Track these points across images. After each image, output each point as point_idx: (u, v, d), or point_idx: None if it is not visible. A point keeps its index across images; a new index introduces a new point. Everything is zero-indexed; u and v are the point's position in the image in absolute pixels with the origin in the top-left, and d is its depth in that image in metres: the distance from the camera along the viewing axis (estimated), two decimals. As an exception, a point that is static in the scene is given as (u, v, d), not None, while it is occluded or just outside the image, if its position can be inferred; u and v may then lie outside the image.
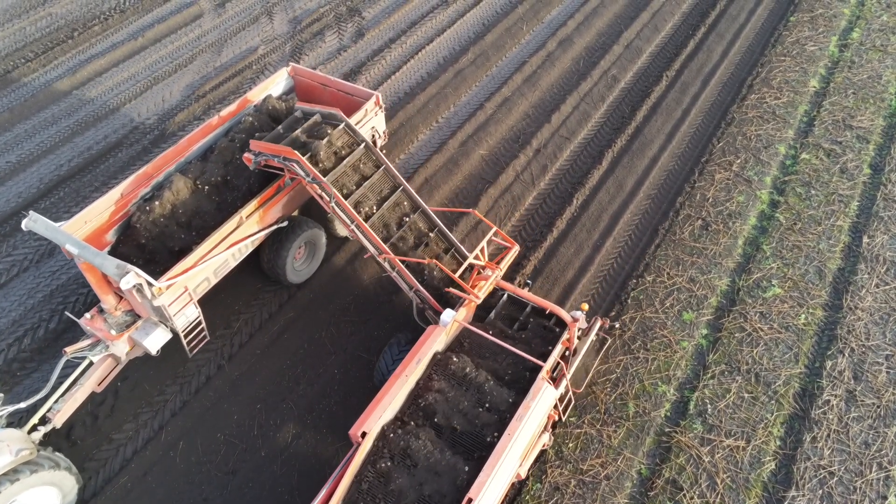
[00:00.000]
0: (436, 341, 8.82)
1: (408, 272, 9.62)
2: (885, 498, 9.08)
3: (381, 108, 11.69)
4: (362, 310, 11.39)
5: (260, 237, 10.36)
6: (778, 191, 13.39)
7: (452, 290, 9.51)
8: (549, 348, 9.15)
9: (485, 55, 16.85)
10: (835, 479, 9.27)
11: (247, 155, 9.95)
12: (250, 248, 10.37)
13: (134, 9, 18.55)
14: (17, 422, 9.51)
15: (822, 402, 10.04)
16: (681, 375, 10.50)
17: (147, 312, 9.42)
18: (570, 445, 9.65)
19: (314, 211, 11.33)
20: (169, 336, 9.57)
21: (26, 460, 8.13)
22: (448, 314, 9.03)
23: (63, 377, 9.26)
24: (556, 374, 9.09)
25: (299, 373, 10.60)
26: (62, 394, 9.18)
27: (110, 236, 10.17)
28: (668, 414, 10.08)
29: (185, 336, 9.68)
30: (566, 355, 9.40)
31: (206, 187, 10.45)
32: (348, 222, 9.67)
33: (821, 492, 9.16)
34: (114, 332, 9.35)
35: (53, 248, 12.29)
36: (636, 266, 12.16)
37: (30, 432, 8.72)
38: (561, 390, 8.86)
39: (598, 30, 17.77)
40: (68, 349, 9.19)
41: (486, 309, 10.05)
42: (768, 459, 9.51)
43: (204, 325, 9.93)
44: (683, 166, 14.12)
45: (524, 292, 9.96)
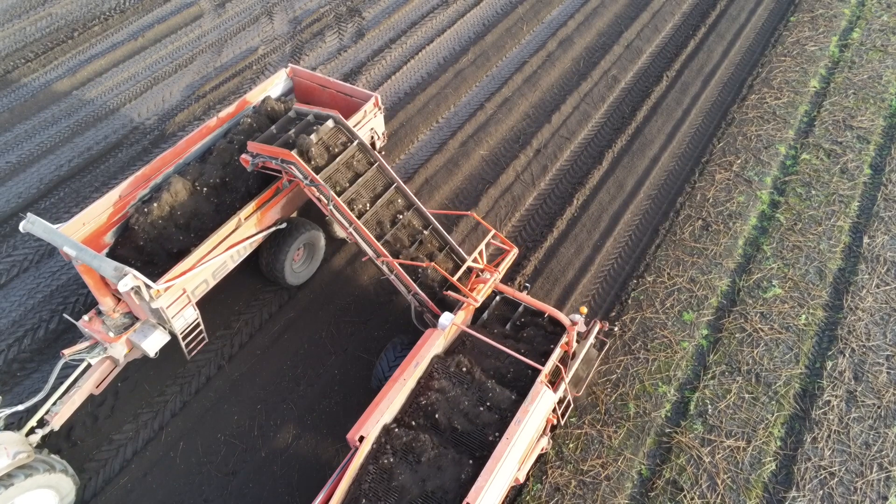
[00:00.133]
0: (434, 345, 8.77)
1: (406, 275, 9.57)
2: (885, 499, 9.08)
3: (380, 109, 11.64)
4: (363, 310, 11.39)
5: (258, 239, 10.34)
6: (778, 191, 13.39)
7: (451, 293, 9.47)
8: (550, 347, 9.14)
9: (485, 55, 16.84)
10: (835, 479, 9.27)
11: (244, 156, 9.89)
12: (249, 250, 10.34)
13: (134, 9, 18.55)
14: (15, 423, 9.52)
15: (823, 403, 10.03)
16: (681, 376, 10.50)
17: (145, 315, 9.40)
18: (571, 446, 9.65)
19: (313, 212, 11.32)
20: (167, 338, 9.56)
21: (23, 463, 8.11)
22: (446, 317, 8.97)
23: (63, 378, 9.25)
24: (555, 377, 9.07)
25: (299, 373, 10.60)
26: (60, 396, 9.16)
27: (108, 238, 10.15)
28: (669, 414, 10.08)
29: (184, 338, 9.67)
30: (565, 359, 9.36)
31: (205, 189, 10.43)
32: (346, 225, 9.62)
33: (821, 492, 9.15)
34: (112, 334, 9.33)
35: (53, 248, 12.29)
36: (636, 266, 12.16)
37: (28, 435, 8.70)
38: (560, 394, 8.83)
39: (599, 30, 17.77)
40: (66, 351, 9.16)
41: (485, 311, 10.03)
42: (769, 460, 9.50)
43: (202, 327, 9.92)
44: (684, 166, 14.12)
45: (523, 295, 9.90)
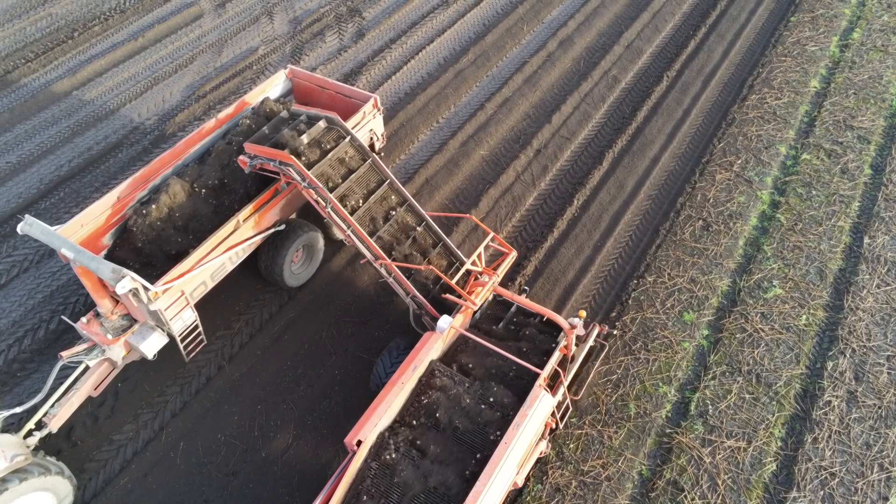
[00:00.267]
0: (432, 348, 8.72)
1: (404, 278, 9.54)
2: (886, 499, 9.07)
3: (379, 110, 11.60)
4: (363, 311, 11.38)
5: (257, 241, 10.30)
6: (779, 191, 13.38)
7: (449, 296, 9.42)
8: (551, 346, 9.12)
9: (485, 55, 16.84)
10: (836, 480, 9.26)
11: (242, 158, 9.86)
12: (248, 252, 10.30)
13: (134, 9, 18.54)
14: (15, 423, 9.48)
15: (824, 403, 10.03)
16: (682, 376, 10.49)
17: (143, 316, 9.38)
18: (571, 446, 9.64)
19: (312, 214, 11.29)
20: (166, 340, 9.53)
21: (21, 466, 8.08)
22: (445, 321, 8.94)
23: (62, 378, 9.23)
24: (554, 381, 9.03)
25: (300, 374, 10.59)
26: (58, 398, 9.13)
27: (107, 240, 10.12)
28: (669, 415, 10.07)
29: (182, 340, 9.64)
30: (564, 362, 9.31)
31: (203, 190, 10.40)
32: (344, 227, 9.58)
33: (822, 493, 9.15)
34: (110, 336, 9.29)
35: (53, 249, 12.27)
36: (637, 267, 12.15)
37: (26, 437, 8.67)
38: (558, 398, 8.79)
39: (599, 30, 17.76)
40: (64, 353, 9.13)
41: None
42: (769, 460, 9.50)
43: (201, 328, 9.89)
44: (684, 167, 14.11)
45: (522, 299, 9.87)
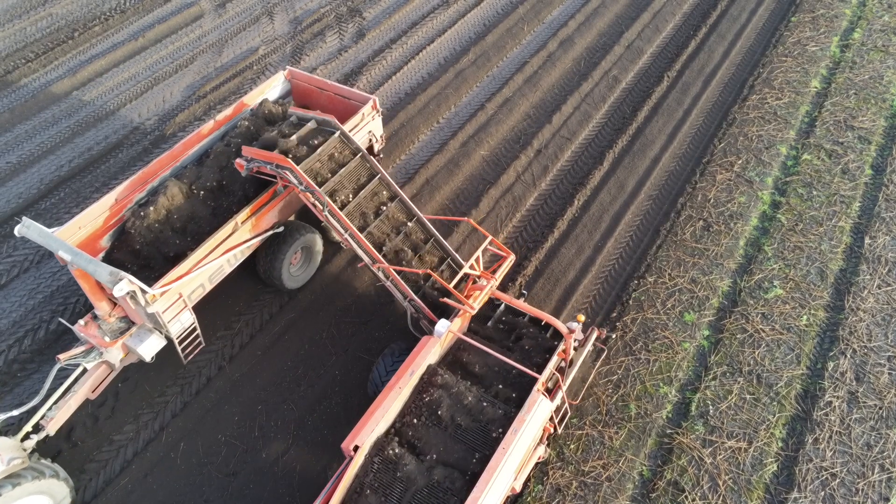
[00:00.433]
0: (430, 352, 8.68)
1: (402, 282, 9.50)
2: (887, 500, 9.07)
3: (378, 112, 11.57)
4: (363, 311, 11.38)
5: (255, 243, 10.26)
6: (779, 191, 13.37)
7: (447, 300, 9.38)
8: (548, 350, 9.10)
9: (485, 56, 16.83)
10: (837, 480, 9.25)
11: (239, 161, 9.84)
12: (246, 254, 10.26)
13: (134, 9, 18.53)
14: (15, 424, 9.48)
15: (824, 404, 10.02)
16: (682, 377, 10.49)
17: (141, 319, 9.35)
18: (572, 447, 9.63)
19: (310, 215, 11.27)
20: (163, 343, 9.51)
21: (18, 469, 8.05)
22: (442, 324, 8.90)
23: (60, 380, 9.18)
24: (553, 385, 8.98)
25: (300, 374, 10.59)
26: (56, 401, 9.10)
27: (105, 242, 10.10)
28: (670, 415, 10.07)
29: (180, 343, 9.61)
30: (562, 367, 9.25)
31: (202, 192, 10.39)
32: (342, 231, 9.55)
33: (823, 493, 9.14)
34: (108, 338, 9.27)
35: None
36: (637, 267, 12.14)
37: (23, 440, 8.64)
38: (557, 402, 8.74)
39: (599, 30, 17.76)
40: (62, 356, 9.10)
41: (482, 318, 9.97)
42: (770, 461, 9.49)
43: (199, 331, 9.86)
44: (685, 167, 14.10)
45: (520, 303, 9.79)
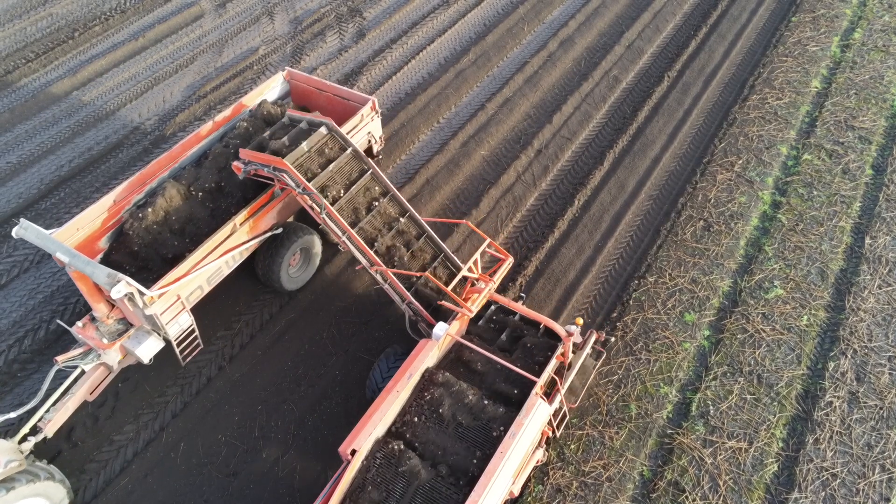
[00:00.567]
0: (428, 355, 8.64)
1: (400, 285, 9.46)
2: (887, 500, 9.06)
3: (377, 112, 11.54)
4: (364, 311, 11.37)
5: (254, 245, 10.22)
6: (780, 191, 13.36)
7: (445, 303, 9.33)
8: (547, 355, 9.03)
9: (486, 55, 16.82)
10: (837, 480, 9.25)
11: (236, 164, 9.81)
12: (244, 256, 10.23)
13: (135, 9, 18.53)
14: (15, 426, 9.46)
15: (825, 404, 10.01)
16: (683, 377, 10.48)
17: (139, 321, 9.31)
18: (572, 447, 9.63)
19: (309, 217, 11.25)
20: (162, 345, 9.48)
21: (15, 472, 8.03)
22: (440, 327, 8.86)
23: (60, 380, 9.17)
24: (551, 389, 8.94)
25: (300, 374, 10.58)
26: (53, 403, 9.07)
27: (103, 243, 10.08)
28: (671, 415, 10.06)
29: (178, 345, 9.58)
30: (561, 370, 9.20)
31: (200, 193, 10.36)
32: (339, 233, 9.50)
33: (823, 494, 9.13)
34: (106, 340, 9.23)
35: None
36: (638, 267, 12.14)
37: (20, 442, 8.62)
38: (555, 405, 8.70)
39: (600, 30, 17.75)
40: (59, 358, 9.07)
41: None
42: (771, 461, 9.48)
43: (197, 333, 9.82)
44: (685, 167, 14.10)
45: (518, 305, 9.74)
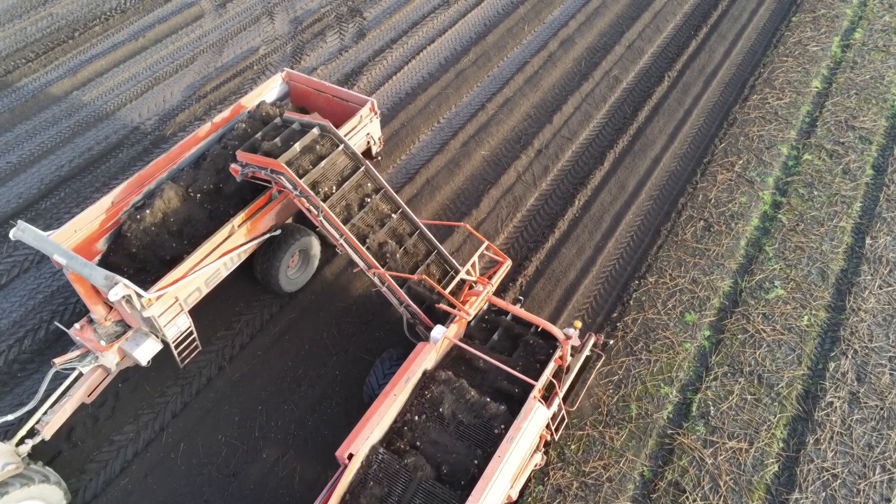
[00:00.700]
0: (426, 359, 8.60)
1: (398, 287, 9.43)
2: (888, 500, 9.05)
3: (376, 114, 11.51)
4: (364, 311, 11.36)
5: (252, 246, 10.19)
6: (780, 192, 13.35)
7: (443, 306, 9.29)
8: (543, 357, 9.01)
9: (486, 55, 16.82)
10: (838, 481, 9.24)
11: (233, 166, 9.78)
12: (243, 258, 10.19)
13: (135, 9, 18.53)
14: (15, 427, 9.44)
15: (826, 404, 10.00)
16: (683, 377, 10.47)
17: (137, 323, 9.28)
18: (573, 447, 9.62)
19: (308, 218, 11.23)
20: (160, 347, 9.45)
21: (12, 475, 8.01)
22: (438, 331, 8.82)
23: (54, 386, 9.13)
24: (549, 392, 8.90)
25: (301, 374, 10.58)
26: (51, 405, 9.05)
27: (101, 245, 10.05)
28: (671, 416, 10.05)
29: (176, 347, 9.55)
30: (559, 373, 9.15)
31: (198, 195, 10.34)
32: (336, 236, 9.46)
33: (824, 494, 9.12)
34: (103, 342, 9.19)
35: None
36: (638, 267, 12.13)
37: (18, 445, 8.59)
38: (553, 409, 8.66)
39: (600, 30, 17.75)
40: (57, 360, 9.03)
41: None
42: (771, 461, 9.48)
43: (195, 334, 9.80)
44: (685, 167, 14.09)
45: (516, 308, 9.66)
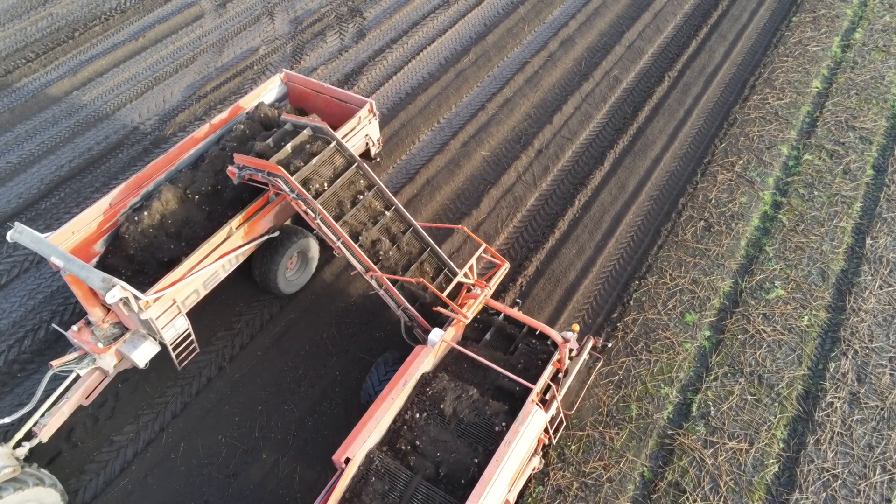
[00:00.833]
0: (423, 362, 8.58)
1: (396, 290, 9.39)
2: (888, 501, 9.04)
3: (374, 115, 11.50)
4: (364, 311, 11.36)
5: (250, 248, 10.16)
6: (780, 192, 13.35)
7: (440, 309, 9.25)
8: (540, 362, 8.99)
9: (486, 55, 16.81)
10: (838, 481, 9.23)
11: (231, 168, 9.75)
12: (241, 260, 10.17)
13: (135, 9, 18.52)
14: (12, 430, 9.41)
15: (826, 405, 10.00)
16: (683, 377, 10.47)
17: (135, 325, 9.27)
18: (573, 447, 9.62)
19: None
20: (157, 349, 9.42)
21: (8, 478, 8.01)
22: (436, 334, 8.79)
23: (51, 389, 9.12)
24: (548, 395, 8.88)
25: (301, 374, 10.57)
26: (48, 408, 9.04)
27: (98, 247, 10.04)
28: (671, 416, 10.05)
29: (174, 349, 9.52)
30: (557, 377, 9.13)
31: (197, 197, 10.33)
32: (334, 239, 9.42)
33: (824, 495, 9.12)
34: (101, 345, 9.18)
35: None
36: (638, 267, 12.12)
37: (15, 448, 8.59)
38: (552, 413, 8.64)
39: (600, 30, 17.74)
40: (54, 363, 9.02)
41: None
42: (771, 462, 9.47)
43: (193, 337, 9.78)
44: (686, 167, 14.08)
45: (515, 312, 9.66)
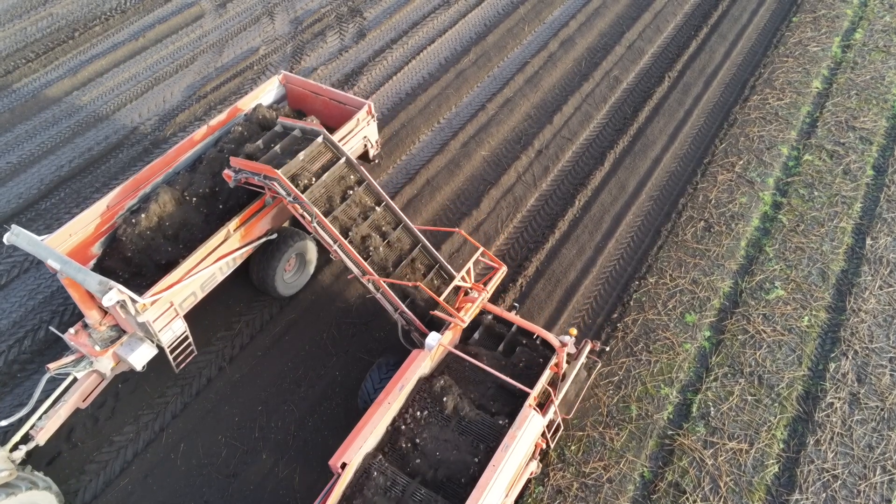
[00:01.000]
0: (420, 366, 8.56)
1: (392, 294, 9.38)
2: (888, 501, 9.04)
3: (373, 117, 11.48)
4: (364, 312, 11.36)
5: (248, 250, 10.14)
6: (780, 192, 13.35)
7: (438, 313, 9.23)
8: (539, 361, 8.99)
9: (486, 56, 16.81)
10: (838, 482, 9.23)
11: (227, 172, 9.73)
12: (239, 262, 10.14)
13: (135, 9, 18.52)
14: (10, 433, 9.39)
15: (826, 405, 9.99)
16: (683, 378, 10.47)
17: (132, 328, 9.25)
18: (573, 448, 9.62)
19: None
20: (155, 352, 9.40)
21: (5, 481, 8.00)
22: (433, 337, 8.78)
23: (48, 391, 9.12)
24: (545, 400, 8.89)
25: (300, 375, 10.57)
26: (45, 410, 9.03)
27: (96, 249, 10.02)
28: (671, 416, 10.05)
29: (172, 352, 9.49)
30: (555, 381, 9.12)
31: (194, 199, 10.30)
32: (330, 242, 9.39)
33: (824, 495, 9.12)
34: (98, 347, 9.15)
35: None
36: (638, 268, 12.12)
37: (11, 451, 8.58)
38: (549, 417, 8.63)
39: (600, 30, 17.74)
40: (51, 365, 8.99)
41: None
42: (771, 462, 9.47)
43: (191, 339, 9.76)
44: (686, 167, 14.08)
45: (512, 315, 9.63)
